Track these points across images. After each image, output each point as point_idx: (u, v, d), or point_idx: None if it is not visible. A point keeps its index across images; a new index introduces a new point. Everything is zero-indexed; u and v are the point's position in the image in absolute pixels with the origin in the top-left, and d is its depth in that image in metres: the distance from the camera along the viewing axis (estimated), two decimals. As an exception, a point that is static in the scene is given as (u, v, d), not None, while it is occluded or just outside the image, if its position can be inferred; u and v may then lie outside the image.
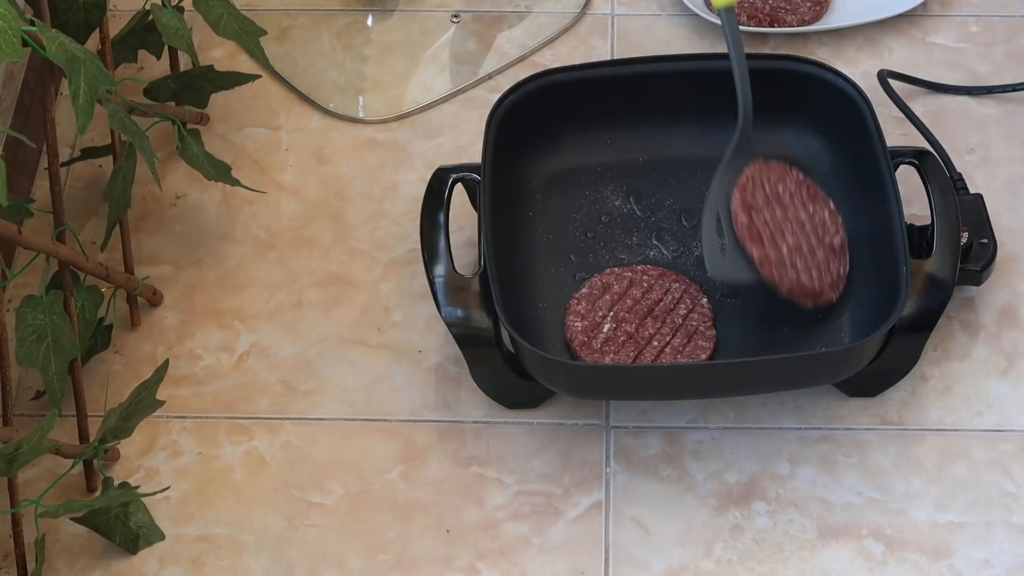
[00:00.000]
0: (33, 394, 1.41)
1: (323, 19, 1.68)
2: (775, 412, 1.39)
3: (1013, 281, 1.46)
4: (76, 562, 1.32)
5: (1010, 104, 1.58)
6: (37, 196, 1.53)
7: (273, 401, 1.41)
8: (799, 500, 1.34)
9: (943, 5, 1.67)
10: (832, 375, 1.35)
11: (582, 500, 1.35)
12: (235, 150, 1.57)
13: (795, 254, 1.38)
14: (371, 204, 1.53)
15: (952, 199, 1.39)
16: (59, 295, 1.30)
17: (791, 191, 1.41)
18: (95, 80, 1.23)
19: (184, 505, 1.35)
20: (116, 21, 1.61)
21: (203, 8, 1.45)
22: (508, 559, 1.32)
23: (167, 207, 1.54)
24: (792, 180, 1.41)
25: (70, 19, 1.40)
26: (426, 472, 1.36)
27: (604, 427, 1.39)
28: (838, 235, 1.41)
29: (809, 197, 1.41)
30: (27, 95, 1.53)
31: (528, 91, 1.45)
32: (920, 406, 1.39)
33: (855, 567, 1.31)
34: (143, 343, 1.45)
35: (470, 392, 1.40)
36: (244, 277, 1.49)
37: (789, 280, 1.36)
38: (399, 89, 1.62)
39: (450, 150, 1.57)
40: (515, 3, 1.68)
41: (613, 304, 1.39)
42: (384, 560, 1.32)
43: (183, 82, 1.52)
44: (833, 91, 1.45)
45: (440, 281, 1.36)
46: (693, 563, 1.31)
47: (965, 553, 1.31)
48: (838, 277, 1.39)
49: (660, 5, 1.67)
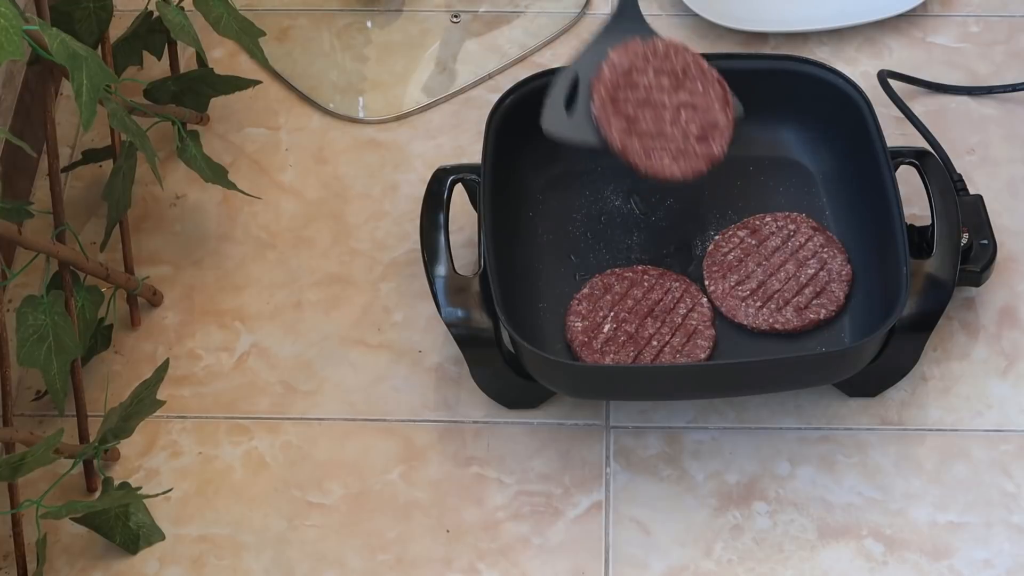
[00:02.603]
0: (33, 394, 1.41)
1: (323, 19, 1.68)
2: (775, 412, 1.39)
3: (1013, 281, 1.46)
4: (76, 562, 1.32)
5: (1010, 104, 1.58)
6: (37, 196, 1.53)
7: (273, 401, 1.41)
8: (799, 500, 1.34)
9: (943, 5, 1.67)
10: (832, 375, 1.35)
11: (582, 500, 1.35)
12: (235, 150, 1.57)
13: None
14: (371, 204, 1.53)
15: (952, 199, 1.40)
16: (59, 295, 1.30)
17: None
18: (97, 77, 1.24)
19: (184, 505, 1.35)
20: (116, 21, 1.61)
21: (203, 8, 1.46)
22: (508, 559, 1.32)
23: (167, 207, 1.54)
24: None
25: (83, 25, 1.40)
26: (426, 472, 1.36)
27: (604, 427, 1.39)
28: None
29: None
30: (27, 95, 1.53)
31: (528, 91, 1.45)
32: (920, 406, 1.39)
33: (855, 567, 1.31)
34: (143, 343, 1.45)
35: (470, 392, 1.40)
36: (244, 277, 1.49)
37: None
38: (399, 89, 1.62)
39: (450, 150, 1.57)
40: (515, 3, 1.68)
41: (614, 304, 1.39)
42: (384, 560, 1.32)
43: (183, 84, 1.52)
44: (833, 91, 1.45)
45: (440, 281, 1.36)
46: (693, 563, 1.31)
47: (965, 553, 1.31)
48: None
49: (660, 5, 1.67)
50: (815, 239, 1.42)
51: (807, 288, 1.40)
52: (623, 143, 1.36)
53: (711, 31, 1.65)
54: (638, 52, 1.39)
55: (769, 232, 1.43)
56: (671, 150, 1.37)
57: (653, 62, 1.39)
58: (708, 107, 1.39)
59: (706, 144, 1.38)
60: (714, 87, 1.40)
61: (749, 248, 1.42)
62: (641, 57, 1.39)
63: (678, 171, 1.37)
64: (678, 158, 1.37)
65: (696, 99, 1.39)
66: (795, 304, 1.39)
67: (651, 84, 1.38)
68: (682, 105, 1.38)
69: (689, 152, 1.37)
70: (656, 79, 1.38)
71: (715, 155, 1.38)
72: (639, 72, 1.38)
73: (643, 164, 1.36)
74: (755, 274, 1.41)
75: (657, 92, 1.38)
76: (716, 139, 1.38)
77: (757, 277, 1.41)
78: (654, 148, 1.36)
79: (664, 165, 1.36)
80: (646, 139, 1.37)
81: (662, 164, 1.36)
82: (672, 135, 1.37)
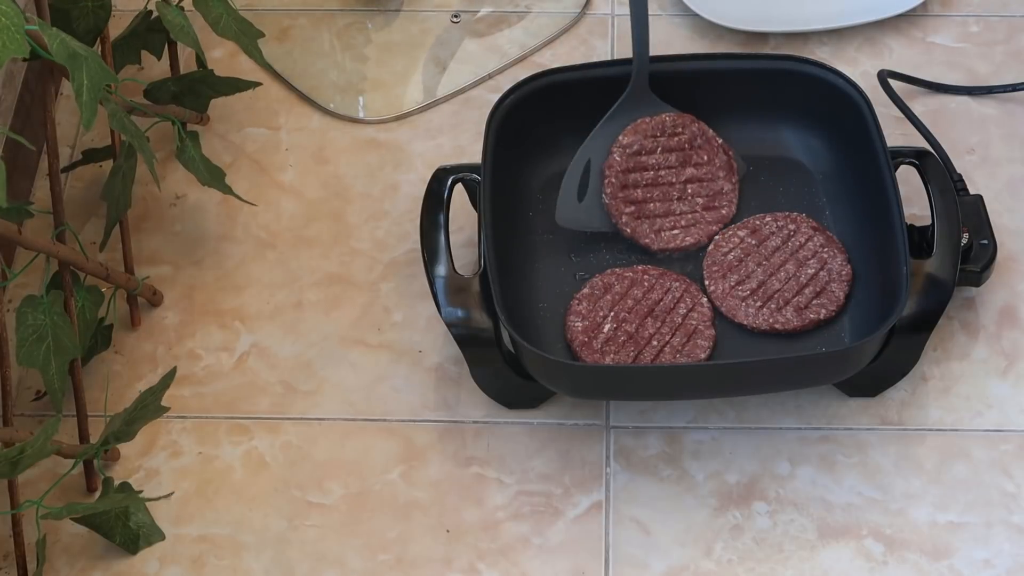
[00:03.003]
0: (33, 394, 1.41)
1: (323, 19, 1.68)
2: (775, 412, 1.39)
3: (1013, 281, 1.46)
4: (76, 562, 1.32)
5: (1010, 104, 1.58)
6: (37, 196, 1.53)
7: (273, 401, 1.41)
8: (799, 500, 1.34)
9: (943, 5, 1.67)
10: (832, 375, 1.35)
11: (582, 500, 1.35)
12: (235, 150, 1.57)
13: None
14: (371, 204, 1.53)
15: (952, 199, 1.40)
16: (59, 295, 1.30)
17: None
18: (97, 76, 1.24)
19: (184, 505, 1.35)
20: (116, 22, 1.61)
21: (203, 8, 1.46)
22: (508, 559, 1.32)
23: (167, 207, 1.54)
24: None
25: (80, 24, 1.40)
26: (426, 472, 1.36)
27: (604, 427, 1.39)
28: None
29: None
30: (27, 95, 1.53)
31: (528, 91, 1.45)
32: (920, 406, 1.39)
33: (855, 567, 1.31)
34: (143, 343, 1.45)
35: (470, 392, 1.40)
36: (244, 277, 1.49)
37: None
38: (399, 89, 1.62)
39: (450, 150, 1.57)
40: (515, 3, 1.68)
41: (614, 304, 1.39)
42: (384, 560, 1.32)
43: (183, 85, 1.52)
44: (833, 91, 1.45)
45: (440, 281, 1.36)
46: (693, 563, 1.31)
47: (965, 553, 1.31)
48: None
49: (660, 5, 1.67)
50: (815, 239, 1.42)
51: (807, 288, 1.40)
52: (633, 228, 1.43)
53: (711, 31, 1.65)
54: (647, 131, 1.44)
55: (769, 232, 1.43)
56: (681, 224, 1.43)
57: (661, 140, 1.44)
58: (713, 177, 1.45)
59: (714, 210, 1.44)
60: (719, 156, 1.45)
61: (749, 248, 1.42)
62: (650, 136, 1.44)
63: (690, 240, 1.43)
64: (688, 228, 1.43)
65: (702, 171, 1.45)
66: (795, 304, 1.39)
67: (659, 163, 1.44)
68: (689, 180, 1.44)
69: (699, 221, 1.44)
70: (663, 157, 1.44)
71: (725, 217, 1.44)
72: (647, 153, 1.44)
73: (654, 243, 1.43)
74: (755, 274, 1.41)
75: (665, 171, 1.44)
76: (723, 204, 1.44)
77: (757, 277, 1.41)
78: (663, 227, 1.43)
79: (674, 237, 1.43)
80: (655, 219, 1.43)
81: (672, 238, 1.43)
82: (680, 210, 1.44)
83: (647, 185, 1.44)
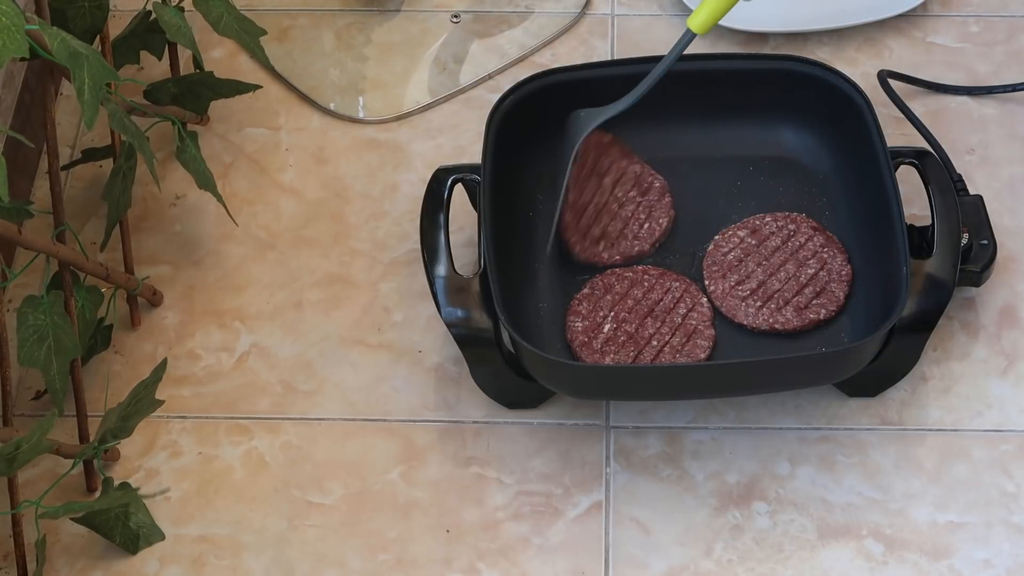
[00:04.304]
0: (33, 394, 1.41)
1: (323, 19, 1.68)
2: (775, 412, 1.39)
3: (1013, 281, 1.46)
4: (76, 562, 1.32)
5: (1010, 104, 1.58)
6: (37, 196, 1.53)
7: (273, 401, 1.41)
8: (799, 500, 1.34)
9: (943, 5, 1.67)
10: (832, 375, 1.35)
11: (582, 500, 1.35)
12: (235, 150, 1.57)
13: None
14: (371, 204, 1.53)
15: (952, 199, 1.40)
16: (59, 295, 1.30)
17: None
18: (99, 75, 1.23)
19: (184, 505, 1.35)
20: (116, 21, 1.61)
21: (203, 7, 1.46)
22: (508, 559, 1.32)
23: (167, 207, 1.54)
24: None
25: (77, 23, 1.40)
26: (426, 472, 1.36)
27: (604, 427, 1.39)
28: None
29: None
30: (27, 95, 1.53)
31: (528, 91, 1.45)
32: (920, 406, 1.39)
33: (855, 567, 1.31)
34: (143, 343, 1.45)
35: (470, 392, 1.40)
36: (244, 277, 1.49)
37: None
38: (399, 89, 1.62)
39: (450, 150, 1.57)
40: (515, 3, 1.68)
41: (615, 304, 1.40)
42: (384, 560, 1.32)
43: (183, 86, 1.51)
44: (833, 91, 1.45)
45: (440, 281, 1.36)
46: (693, 563, 1.31)
47: (965, 553, 1.31)
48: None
49: (660, 5, 1.67)
50: (815, 239, 1.42)
51: (807, 288, 1.40)
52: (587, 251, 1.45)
53: (711, 31, 1.64)
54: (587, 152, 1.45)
55: (769, 232, 1.43)
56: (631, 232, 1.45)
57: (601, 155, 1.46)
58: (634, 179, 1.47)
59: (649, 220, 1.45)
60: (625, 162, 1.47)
61: (749, 248, 1.42)
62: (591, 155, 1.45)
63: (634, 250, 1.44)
64: (628, 243, 1.44)
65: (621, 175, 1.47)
66: (795, 304, 1.39)
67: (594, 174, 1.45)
68: (608, 191, 1.46)
69: (638, 237, 1.45)
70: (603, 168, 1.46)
71: (660, 229, 1.45)
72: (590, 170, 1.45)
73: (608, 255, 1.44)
74: (755, 274, 1.41)
75: (596, 181, 1.46)
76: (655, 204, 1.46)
77: (757, 277, 1.41)
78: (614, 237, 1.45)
79: (631, 246, 1.44)
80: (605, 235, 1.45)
81: (629, 247, 1.44)
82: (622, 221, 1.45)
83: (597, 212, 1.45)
